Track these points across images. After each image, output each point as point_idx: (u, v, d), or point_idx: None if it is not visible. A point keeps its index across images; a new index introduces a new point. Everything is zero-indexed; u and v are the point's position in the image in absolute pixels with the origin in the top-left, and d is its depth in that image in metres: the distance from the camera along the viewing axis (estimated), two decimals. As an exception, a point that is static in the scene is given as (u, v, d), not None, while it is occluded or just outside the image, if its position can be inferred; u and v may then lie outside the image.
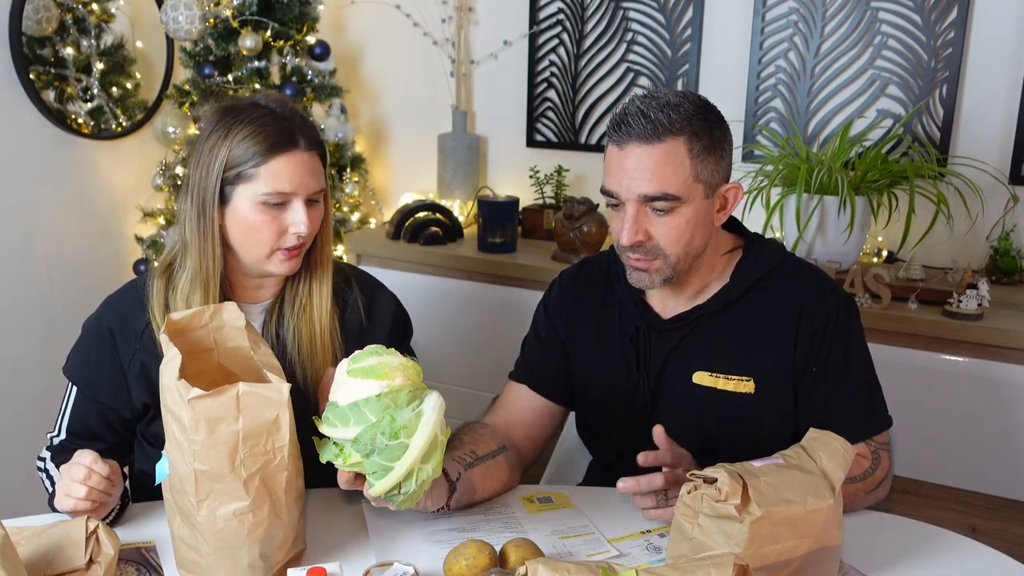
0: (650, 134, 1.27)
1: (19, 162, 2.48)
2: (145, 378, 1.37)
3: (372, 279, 1.53)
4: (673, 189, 1.27)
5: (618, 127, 1.30)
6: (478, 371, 2.59)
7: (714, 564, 0.88)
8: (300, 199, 1.31)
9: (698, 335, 1.40)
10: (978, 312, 2.03)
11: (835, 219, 2.18)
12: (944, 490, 2.11)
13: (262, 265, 1.35)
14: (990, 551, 1.26)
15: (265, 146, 1.29)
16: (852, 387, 1.38)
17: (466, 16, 2.90)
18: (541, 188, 2.80)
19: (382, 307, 1.50)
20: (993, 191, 2.33)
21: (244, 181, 1.30)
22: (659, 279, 1.34)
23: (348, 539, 1.25)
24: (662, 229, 1.30)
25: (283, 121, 1.32)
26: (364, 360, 1.11)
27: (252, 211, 1.31)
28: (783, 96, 2.55)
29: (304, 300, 1.41)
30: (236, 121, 1.31)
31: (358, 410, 1.08)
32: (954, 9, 2.32)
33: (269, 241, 1.32)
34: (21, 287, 2.54)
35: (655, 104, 1.28)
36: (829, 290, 1.39)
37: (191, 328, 1.19)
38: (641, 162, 1.27)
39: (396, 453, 1.06)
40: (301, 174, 1.31)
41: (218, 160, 1.29)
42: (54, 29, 2.48)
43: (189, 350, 1.16)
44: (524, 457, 1.49)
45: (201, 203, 1.31)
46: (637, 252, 1.32)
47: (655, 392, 1.43)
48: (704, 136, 1.29)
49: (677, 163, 1.27)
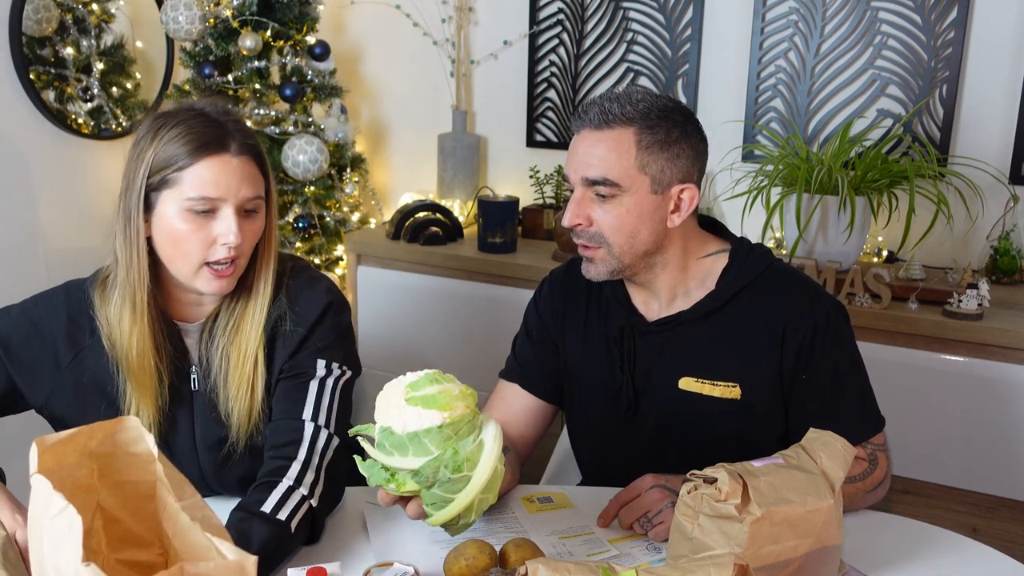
0: (600, 121, 1.31)
1: (19, 162, 2.48)
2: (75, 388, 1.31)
3: (303, 278, 1.38)
4: (613, 175, 1.30)
5: (577, 115, 1.35)
6: (478, 371, 2.59)
7: (714, 564, 0.88)
8: (230, 207, 1.23)
9: (683, 340, 1.40)
10: (978, 312, 2.03)
11: (835, 219, 2.18)
12: (944, 490, 2.11)
13: (190, 282, 1.26)
14: (990, 551, 1.26)
15: (191, 147, 1.21)
16: (844, 393, 1.37)
17: (466, 16, 2.90)
18: (541, 188, 2.80)
19: (305, 309, 1.34)
20: (993, 191, 2.33)
21: (168, 186, 1.22)
22: (604, 269, 1.36)
23: (348, 539, 1.25)
24: (602, 215, 1.33)
25: (214, 123, 1.24)
26: (424, 388, 1.06)
27: (178, 219, 1.22)
28: (783, 96, 2.55)
29: (237, 322, 1.31)
30: (165, 123, 1.23)
31: (418, 440, 1.03)
32: (954, 9, 2.32)
33: (196, 253, 1.23)
34: (21, 287, 2.53)
35: (614, 96, 1.33)
36: (816, 298, 1.38)
37: (62, 460, 0.88)
38: (589, 147, 1.32)
39: (458, 486, 1.04)
40: (230, 179, 1.22)
41: (143, 164, 1.22)
42: (54, 29, 2.49)
43: (58, 489, 0.79)
44: (521, 457, 1.50)
45: (127, 211, 1.23)
46: (581, 237, 1.35)
47: (639, 393, 1.43)
48: (659, 131, 1.31)
49: (623, 151, 1.30)
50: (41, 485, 0.78)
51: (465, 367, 2.59)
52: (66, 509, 0.74)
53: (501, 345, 2.56)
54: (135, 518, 0.92)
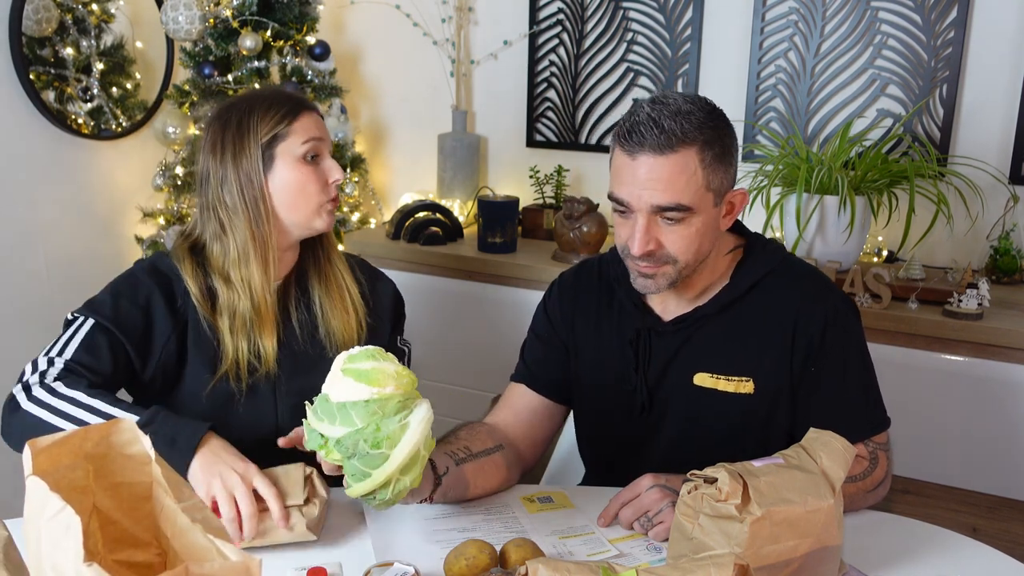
0: (663, 144, 1.24)
1: (19, 162, 2.48)
2: (179, 347, 1.42)
3: (371, 266, 1.63)
4: (686, 200, 1.26)
5: (629, 136, 1.27)
6: (478, 371, 2.59)
7: (714, 564, 0.88)
8: (327, 150, 1.45)
9: (699, 337, 1.40)
10: (978, 312, 2.03)
11: (835, 219, 2.18)
12: (944, 490, 2.11)
13: (311, 222, 1.44)
14: (990, 551, 1.26)
15: (288, 107, 1.42)
16: (850, 388, 1.38)
17: (466, 16, 2.90)
18: (541, 188, 2.80)
19: (383, 292, 1.59)
20: (993, 191, 2.33)
21: (282, 140, 1.40)
22: (664, 283, 1.34)
23: (348, 539, 1.25)
24: (673, 238, 1.30)
25: (287, 93, 1.47)
26: (360, 362, 1.11)
27: (295, 170, 1.41)
28: (783, 96, 2.55)
29: (325, 267, 1.51)
30: (252, 101, 1.43)
31: (345, 411, 1.08)
32: (954, 9, 2.32)
33: (317, 193, 1.42)
34: (21, 287, 2.54)
35: (667, 112, 1.25)
36: (827, 291, 1.39)
37: (57, 462, 0.86)
38: (654, 173, 1.25)
39: (376, 462, 1.07)
40: (320, 128, 1.45)
41: (251, 130, 1.40)
42: (54, 29, 2.48)
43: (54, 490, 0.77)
44: (524, 457, 1.49)
45: (246, 175, 1.40)
46: (647, 260, 1.31)
47: (653, 394, 1.43)
48: (715, 145, 1.27)
49: (690, 174, 1.26)
50: (37, 486, 0.77)
51: (465, 367, 2.60)
52: (64, 510, 0.73)
53: (501, 345, 2.56)
54: (131, 519, 0.92)
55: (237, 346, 1.41)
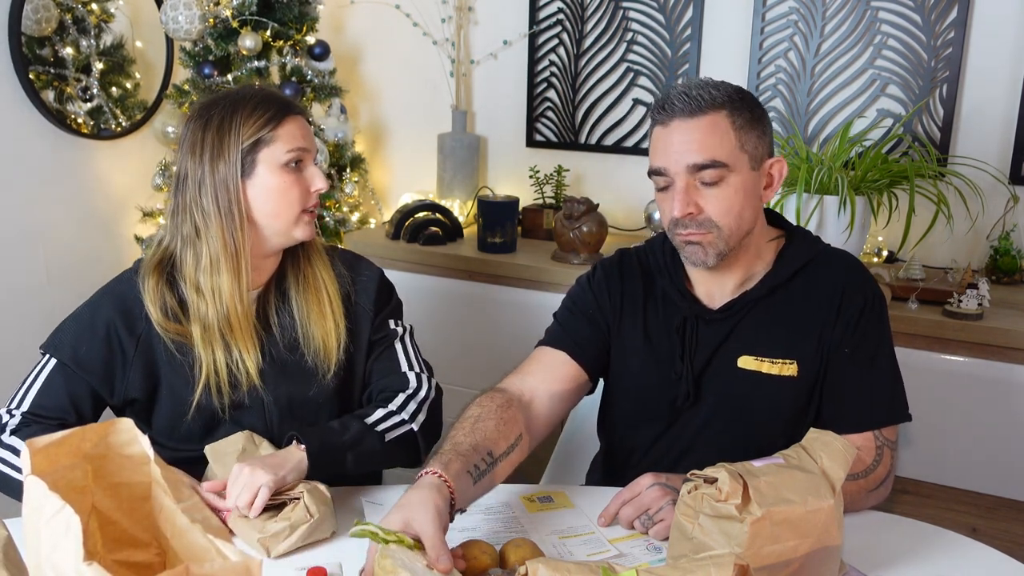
0: (693, 108, 1.32)
1: (19, 162, 2.48)
2: (145, 371, 1.39)
3: (353, 254, 1.58)
4: (721, 156, 1.31)
5: (662, 108, 1.35)
6: (478, 371, 2.58)
7: (714, 564, 0.88)
8: (311, 158, 1.41)
9: (747, 322, 1.42)
10: (978, 312, 2.03)
11: (835, 219, 2.17)
12: (944, 490, 2.11)
13: (290, 231, 1.40)
14: (990, 551, 1.26)
15: (274, 111, 1.37)
16: (877, 373, 1.40)
17: (466, 16, 2.90)
18: (541, 188, 2.80)
19: (366, 284, 1.53)
20: (993, 191, 2.33)
21: (265, 146, 1.36)
22: (713, 253, 1.35)
23: (348, 539, 1.25)
24: (712, 201, 1.33)
25: (274, 94, 1.42)
26: None
27: (276, 176, 1.37)
28: (783, 96, 2.55)
29: (306, 271, 1.46)
30: (236, 100, 1.37)
31: None
32: (954, 9, 2.32)
33: (298, 202, 1.38)
34: (21, 286, 2.54)
35: (695, 84, 1.35)
36: (868, 277, 1.44)
37: (56, 462, 0.86)
38: (687, 134, 1.32)
39: None
40: (307, 135, 1.40)
41: (232, 132, 1.34)
42: (54, 29, 2.48)
43: (53, 490, 0.77)
44: (535, 436, 1.40)
45: (223, 180, 1.35)
46: (689, 226, 1.34)
47: (698, 381, 1.43)
48: (744, 111, 1.34)
49: (722, 132, 1.32)
50: (35, 486, 0.77)
51: (465, 367, 2.59)
52: (63, 510, 0.73)
53: (501, 345, 2.56)
54: (130, 519, 0.92)
55: (212, 358, 1.37)
